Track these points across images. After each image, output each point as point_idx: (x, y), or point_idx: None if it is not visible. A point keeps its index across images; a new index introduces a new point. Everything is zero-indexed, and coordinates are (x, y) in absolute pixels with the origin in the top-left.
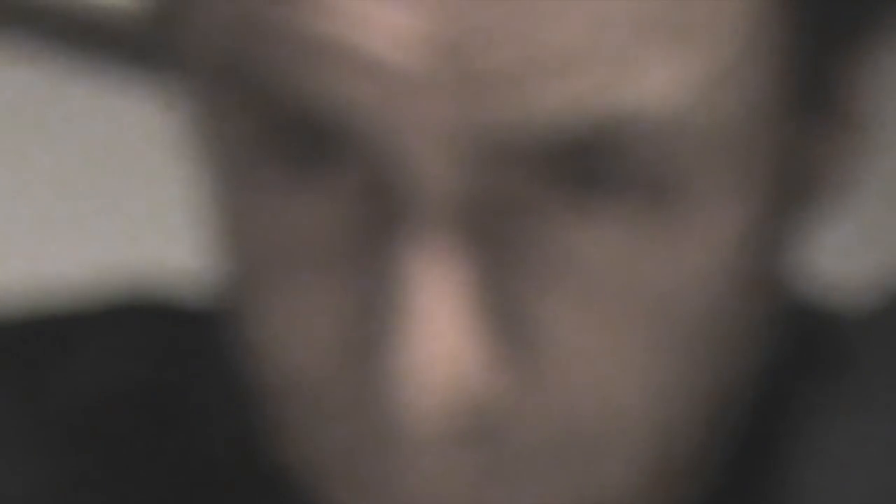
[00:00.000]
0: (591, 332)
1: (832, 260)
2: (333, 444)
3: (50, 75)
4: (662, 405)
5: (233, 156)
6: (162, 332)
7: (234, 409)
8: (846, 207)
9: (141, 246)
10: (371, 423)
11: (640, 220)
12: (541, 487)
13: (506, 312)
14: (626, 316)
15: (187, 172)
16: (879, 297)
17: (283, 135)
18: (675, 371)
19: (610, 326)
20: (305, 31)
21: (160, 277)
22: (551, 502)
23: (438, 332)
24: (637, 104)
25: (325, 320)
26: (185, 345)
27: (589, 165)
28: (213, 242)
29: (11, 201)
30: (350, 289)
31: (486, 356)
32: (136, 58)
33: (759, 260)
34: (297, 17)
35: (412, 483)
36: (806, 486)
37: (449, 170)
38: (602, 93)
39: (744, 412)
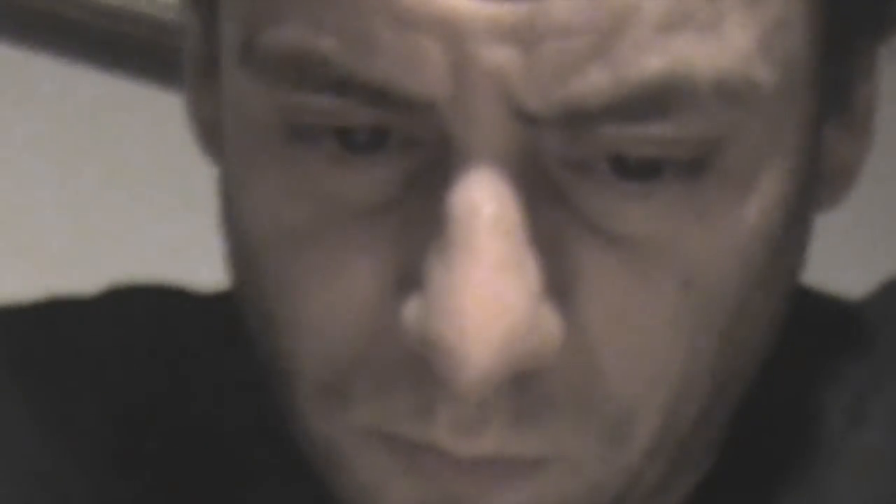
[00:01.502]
0: (623, 295)
1: (832, 259)
2: (373, 406)
3: (53, 75)
4: (687, 382)
5: (263, 130)
6: (169, 318)
7: (246, 394)
8: (849, 207)
9: (143, 246)
10: (407, 367)
11: (680, 191)
12: (567, 437)
13: (551, 261)
14: (660, 283)
15: (195, 171)
16: (880, 292)
17: (335, 99)
18: (703, 348)
19: (641, 291)
20: None
21: (162, 279)
22: (574, 453)
23: (486, 274)
24: (695, 64)
25: (364, 274)
26: (193, 331)
27: (642, 125)
28: (228, 232)
29: (13, 201)
30: (397, 242)
31: (532, 299)
32: (147, 59)
33: (784, 247)
34: None
35: (446, 428)
36: (812, 476)
37: (504, 123)
38: (664, 51)
39: (754, 399)
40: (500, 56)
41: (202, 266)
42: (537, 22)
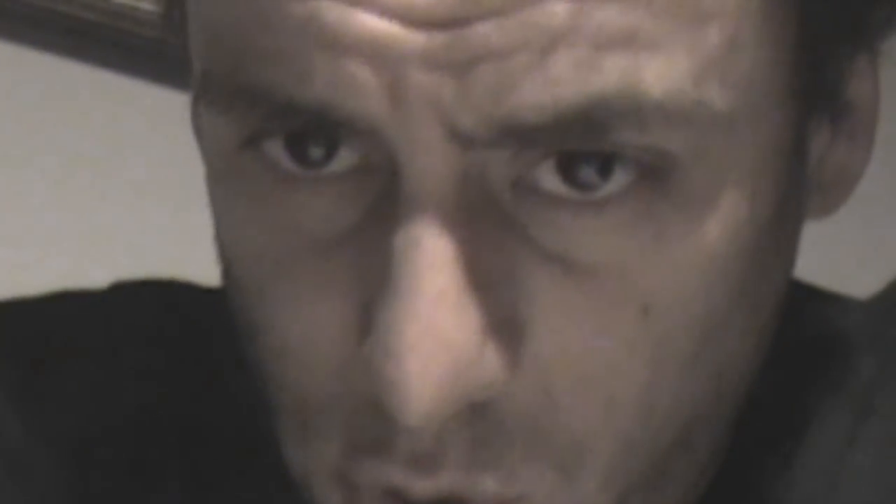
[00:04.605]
0: (580, 322)
1: (833, 261)
2: (333, 433)
3: (53, 75)
4: (650, 410)
5: (225, 157)
6: (176, 311)
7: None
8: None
9: (144, 245)
10: (369, 402)
11: (634, 211)
12: (521, 472)
13: (495, 293)
14: (618, 310)
15: (192, 177)
16: (879, 299)
17: (275, 127)
18: (666, 375)
19: (598, 318)
20: (299, 14)
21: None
22: (528, 490)
23: (427, 309)
24: (637, 84)
25: (326, 309)
26: (201, 323)
27: (583, 148)
28: (217, 246)
29: (14, 202)
30: (356, 276)
31: (475, 334)
32: (146, 59)
33: (762, 264)
34: (290, 2)
35: (402, 465)
36: (807, 490)
37: (444, 147)
38: (604, 70)
39: (744, 419)
40: (432, 80)
41: (204, 266)
42: (468, 45)
